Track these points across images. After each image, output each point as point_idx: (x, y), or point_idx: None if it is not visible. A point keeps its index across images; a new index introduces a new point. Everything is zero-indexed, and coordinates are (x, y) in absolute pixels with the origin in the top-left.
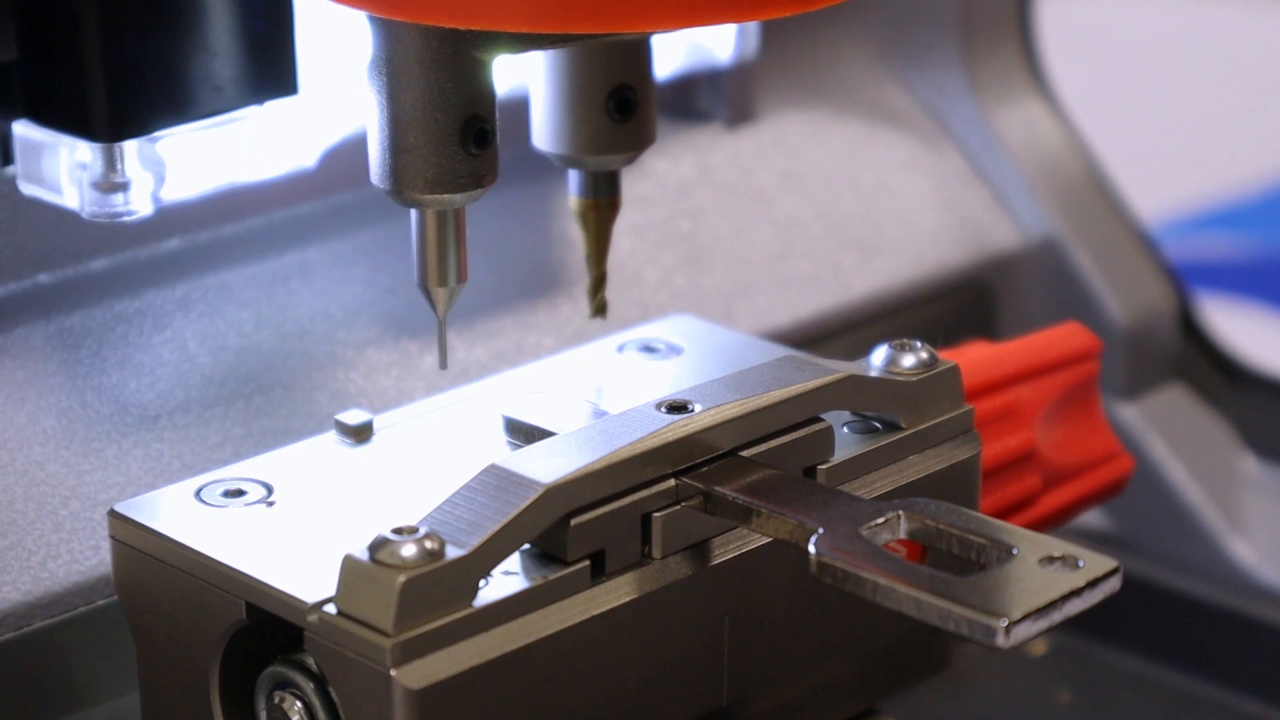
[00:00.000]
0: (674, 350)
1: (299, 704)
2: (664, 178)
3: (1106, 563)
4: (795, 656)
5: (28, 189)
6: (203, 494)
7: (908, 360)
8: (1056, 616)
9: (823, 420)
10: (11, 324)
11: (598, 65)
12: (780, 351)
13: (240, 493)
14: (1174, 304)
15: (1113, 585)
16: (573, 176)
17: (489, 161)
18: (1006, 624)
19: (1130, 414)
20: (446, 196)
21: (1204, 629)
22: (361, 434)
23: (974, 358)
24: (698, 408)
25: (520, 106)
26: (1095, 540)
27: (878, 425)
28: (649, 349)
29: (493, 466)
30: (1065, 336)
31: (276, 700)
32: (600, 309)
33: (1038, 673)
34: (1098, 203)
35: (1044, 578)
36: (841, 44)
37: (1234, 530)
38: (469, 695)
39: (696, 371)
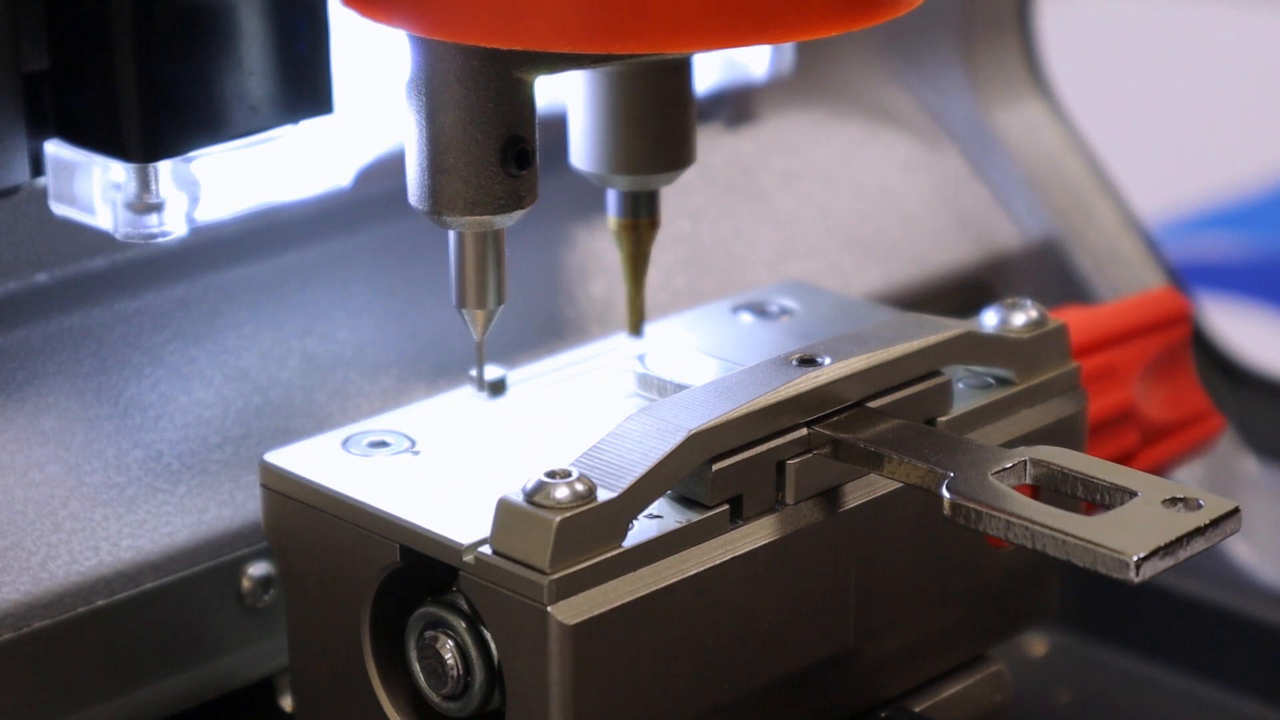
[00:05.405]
0: (786, 312)
1: (451, 643)
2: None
3: (1226, 504)
4: (915, 601)
5: (59, 209)
6: (349, 445)
7: (1019, 319)
8: (1182, 554)
9: (942, 374)
10: (11, 324)
11: (638, 84)
12: (887, 312)
13: (384, 443)
14: None
15: (1234, 525)
16: (610, 196)
17: (529, 182)
18: (1137, 559)
19: None
20: (486, 218)
21: (1204, 629)
22: (496, 389)
23: (1072, 320)
24: (827, 361)
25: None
26: None
27: (990, 380)
28: (762, 311)
29: (640, 413)
30: (1158, 300)
31: (428, 640)
32: (637, 326)
33: (1038, 673)
34: (1098, 203)
35: (1168, 518)
36: (841, 44)
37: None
38: (618, 631)
39: (811, 331)
